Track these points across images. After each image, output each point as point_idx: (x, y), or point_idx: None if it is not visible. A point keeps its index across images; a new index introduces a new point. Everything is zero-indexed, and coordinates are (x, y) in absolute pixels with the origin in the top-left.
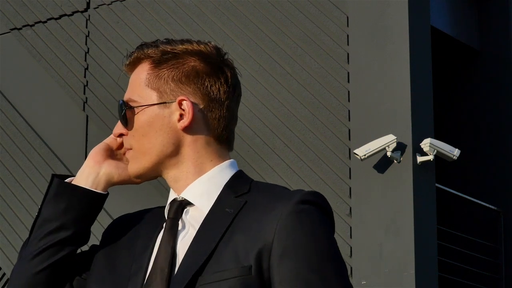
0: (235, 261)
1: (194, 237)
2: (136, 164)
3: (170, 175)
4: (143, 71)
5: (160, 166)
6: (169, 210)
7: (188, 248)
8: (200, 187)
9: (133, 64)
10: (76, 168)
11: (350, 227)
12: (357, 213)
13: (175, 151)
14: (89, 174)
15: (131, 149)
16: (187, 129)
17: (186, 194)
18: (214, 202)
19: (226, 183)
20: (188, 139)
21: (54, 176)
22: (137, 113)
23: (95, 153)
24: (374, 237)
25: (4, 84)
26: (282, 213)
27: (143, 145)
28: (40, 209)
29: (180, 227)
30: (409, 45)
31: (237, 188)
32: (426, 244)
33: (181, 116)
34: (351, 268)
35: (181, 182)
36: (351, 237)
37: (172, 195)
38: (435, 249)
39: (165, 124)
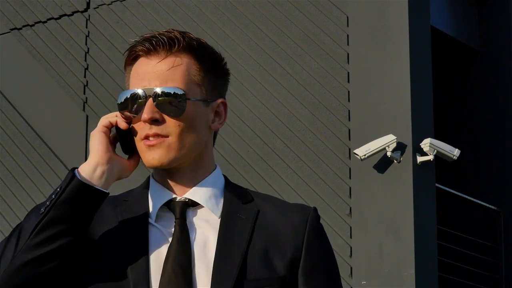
0: (269, 270)
1: (219, 241)
2: (170, 154)
3: (183, 172)
4: (187, 63)
5: (184, 161)
6: (174, 210)
7: (217, 253)
8: (208, 190)
9: (170, 50)
10: None
11: (350, 227)
12: (357, 213)
13: (201, 150)
14: (103, 173)
15: (166, 137)
16: (215, 131)
17: (193, 195)
18: (224, 207)
19: (225, 187)
20: (210, 140)
21: (74, 174)
22: (188, 105)
23: (106, 146)
24: (374, 237)
25: (4, 84)
26: (308, 227)
27: (184, 138)
28: (51, 206)
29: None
30: (409, 45)
31: (240, 195)
32: (426, 244)
33: (214, 117)
34: (351, 268)
35: (188, 181)
36: (351, 237)
37: (166, 194)
38: (435, 249)
39: (204, 122)
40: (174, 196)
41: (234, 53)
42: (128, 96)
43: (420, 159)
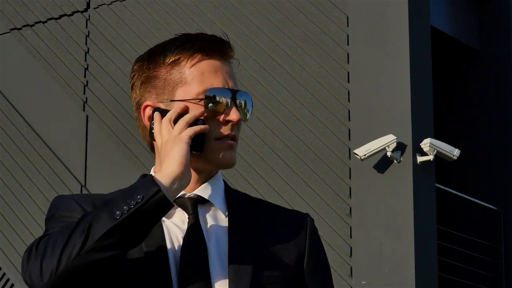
0: (278, 268)
1: (230, 238)
2: (235, 156)
3: (203, 171)
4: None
5: None
6: (185, 206)
7: (230, 250)
8: (215, 189)
9: (231, 58)
10: (76, 168)
11: (350, 227)
12: (357, 213)
13: None
14: (179, 187)
15: (237, 140)
16: None
17: (202, 193)
18: (229, 205)
19: (225, 189)
20: None
21: (159, 188)
22: None
23: (187, 159)
24: (374, 237)
25: (4, 84)
26: (308, 230)
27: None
28: (129, 213)
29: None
30: (409, 45)
31: (241, 197)
32: (426, 244)
33: None
34: (351, 268)
35: (197, 179)
36: (351, 237)
37: None
38: (435, 249)
39: None
40: (183, 192)
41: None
42: (220, 93)
43: (420, 159)
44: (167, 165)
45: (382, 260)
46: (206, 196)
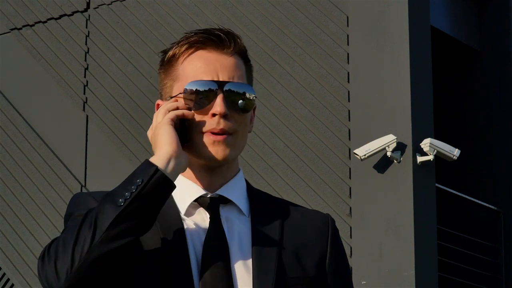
0: (301, 269)
1: (253, 238)
2: (232, 152)
3: (220, 170)
4: (242, 64)
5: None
6: (206, 206)
7: (254, 250)
8: (237, 189)
9: (235, 48)
10: (76, 168)
11: (350, 227)
12: (357, 213)
13: None
14: (176, 166)
15: (231, 134)
16: None
17: (224, 192)
18: (250, 205)
19: (247, 189)
20: None
21: (157, 168)
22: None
23: (176, 139)
24: (374, 237)
25: (4, 84)
26: (330, 231)
27: (242, 137)
28: (131, 199)
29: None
30: (409, 45)
31: (263, 197)
32: (426, 244)
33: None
34: (351, 268)
35: (219, 179)
36: (351, 237)
37: (197, 190)
38: (435, 249)
39: (250, 120)
40: (205, 192)
41: None
42: (200, 86)
43: (420, 159)
44: (160, 148)
45: (382, 260)
46: (228, 196)
